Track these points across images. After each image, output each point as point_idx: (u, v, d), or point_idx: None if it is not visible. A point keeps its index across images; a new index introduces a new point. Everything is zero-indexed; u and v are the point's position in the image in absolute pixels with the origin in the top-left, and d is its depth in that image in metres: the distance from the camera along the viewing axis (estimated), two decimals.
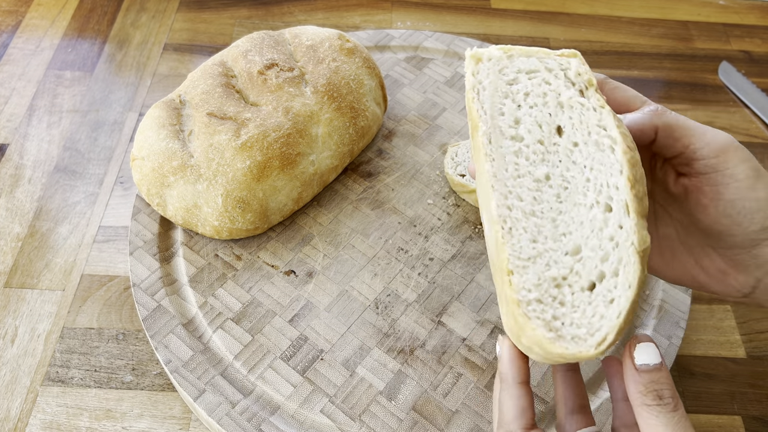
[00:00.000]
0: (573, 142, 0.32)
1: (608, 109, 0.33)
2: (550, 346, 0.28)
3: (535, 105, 0.34)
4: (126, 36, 0.73)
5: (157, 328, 0.46)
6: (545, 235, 0.30)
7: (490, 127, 0.33)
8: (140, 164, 0.50)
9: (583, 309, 0.29)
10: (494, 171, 0.32)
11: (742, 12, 0.85)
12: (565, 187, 0.32)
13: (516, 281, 0.29)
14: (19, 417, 0.46)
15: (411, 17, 0.79)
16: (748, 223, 0.32)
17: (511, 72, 0.35)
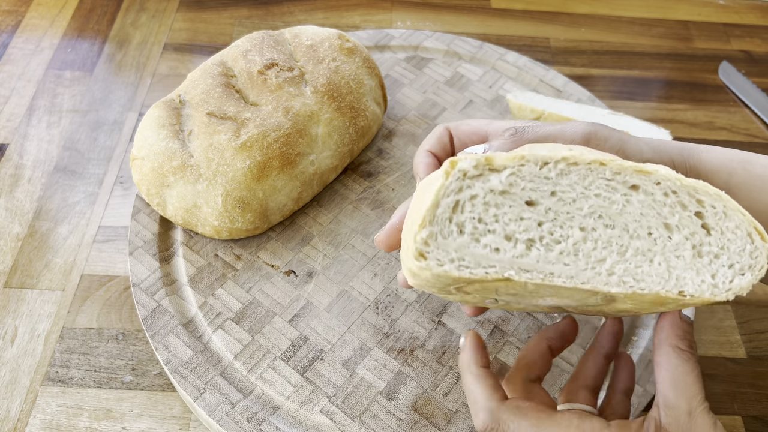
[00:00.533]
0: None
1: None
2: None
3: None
4: (126, 36, 0.73)
5: (157, 328, 0.46)
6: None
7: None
8: (140, 164, 0.50)
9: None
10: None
11: (743, 12, 0.84)
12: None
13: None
14: (19, 417, 0.46)
15: (411, 17, 0.79)
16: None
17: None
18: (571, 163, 0.30)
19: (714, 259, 0.31)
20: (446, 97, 0.64)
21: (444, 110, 0.63)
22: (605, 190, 0.31)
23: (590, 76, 0.74)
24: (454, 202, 0.30)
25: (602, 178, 0.31)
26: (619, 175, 0.31)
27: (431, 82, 0.65)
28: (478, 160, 0.30)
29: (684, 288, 0.31)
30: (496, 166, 0.30)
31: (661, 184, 0.31)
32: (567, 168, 0.30)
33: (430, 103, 0.63)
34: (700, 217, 0.31)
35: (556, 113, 0.55)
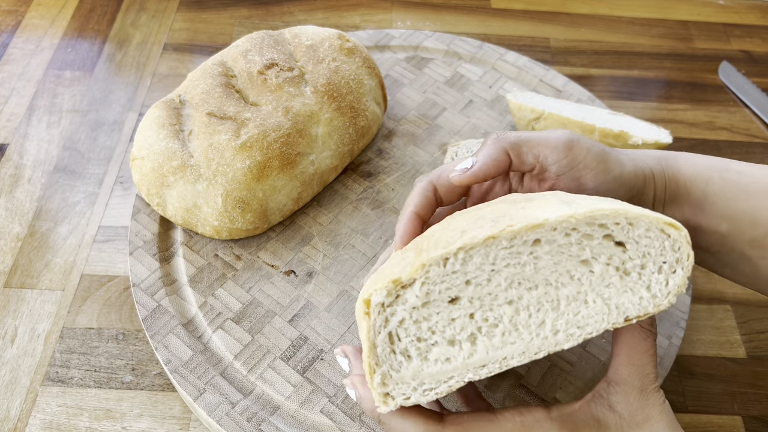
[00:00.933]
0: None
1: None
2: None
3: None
4: (126, 36, 0.73)
5: (157, 328, 0.46)
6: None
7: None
8: (140, 164, 0.50)
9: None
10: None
11: (742, 12, 0.84)
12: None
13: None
14: (19, 417, 0.46)
15: (411, 17, 0.79)
16: (613, 191, 0.36)
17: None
18: (468, 249, 0.30)
19: (641, 270, 0.31)
20: (446, 97, 0.64)
21: (444, 110, 0.63)
22: (511, 258, 0.30)
23: (590, 76, 0.74)
24: (387, 335, 0.31)
25: (503, 249, 0.30)
26: (516, 239, 0.30)
27: (431, 82, 0.65)
28: (387, 288, 0.30)
29: (627, 313, 0.31)
30: (406, 283, 0.30)
31: (557, 228, 0.30)
32: (467, 254, 0.30)
33: (430, 103, 0.63)
34: (610, 239, 0.31)
35: (556, 113, 0.55)
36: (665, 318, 0.49)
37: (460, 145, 0.56)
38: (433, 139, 0.60)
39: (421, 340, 0.31)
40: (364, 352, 0.31)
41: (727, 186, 0.36)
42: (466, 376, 0.31)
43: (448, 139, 0.60)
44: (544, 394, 0.45)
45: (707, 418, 0.49)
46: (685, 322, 0.49)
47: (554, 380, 0.46)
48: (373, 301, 0.30)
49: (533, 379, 0.46)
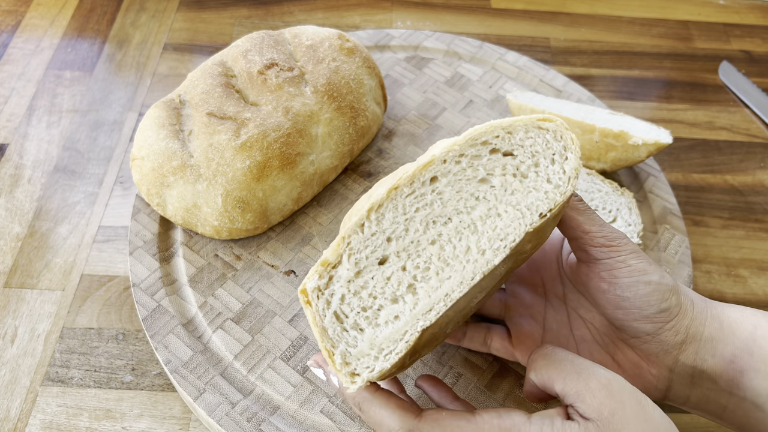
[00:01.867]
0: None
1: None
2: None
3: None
4: (126, 36, 0.73)
5: (157, 328, 0.46)
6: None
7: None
8: (140, 164, 0.50)
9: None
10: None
11: (743, 12, 0.84)
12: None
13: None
14: (19, 417, 0.46)
15: (411, 17, 0.79)
16: (645, 306, 0.35)
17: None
18: (377, 207, 0.32)
19: (536, 168, 0.33)
20: (446, 97, 0.64)
21: (444, 110, 0.63)
22: (417, 202, 0.32)
23: (590, 76, 0.74)
24: (332, 315, 0.31)
25: (407, 196, 0.32)
26: (415, 183, 0.32)
27: (431, 82, 0.65)
28: (318, 272, 0.31)
29: (539, 209, 0.33)
30: (333, 262, 0.32)
31: (447, 161, 0.32)
32: (378, 213, 0.32)
33: (430, 103, 0.63)
34: (497, 152, 0.33)
35: (556, 113, 0.55)
36: None
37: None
38: (433, 139, 0.60)
39: (366, 309, 0.32)
40: (318, 340, 0.31)
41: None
42: (417, 325, 0.32)
43: None
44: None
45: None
46: None
47: None
48: (309, 288, 0.31)
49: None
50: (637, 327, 0.36)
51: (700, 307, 0.37)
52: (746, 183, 0.65)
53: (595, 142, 0.54)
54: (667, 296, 0.35)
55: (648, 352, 0.37)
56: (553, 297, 0.41)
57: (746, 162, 0.67)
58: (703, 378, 0.36)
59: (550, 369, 0.33)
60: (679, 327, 0.36)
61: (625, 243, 0.36)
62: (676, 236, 0.55)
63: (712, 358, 0.36)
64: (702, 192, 0.64)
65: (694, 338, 0.36)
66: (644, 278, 0.35)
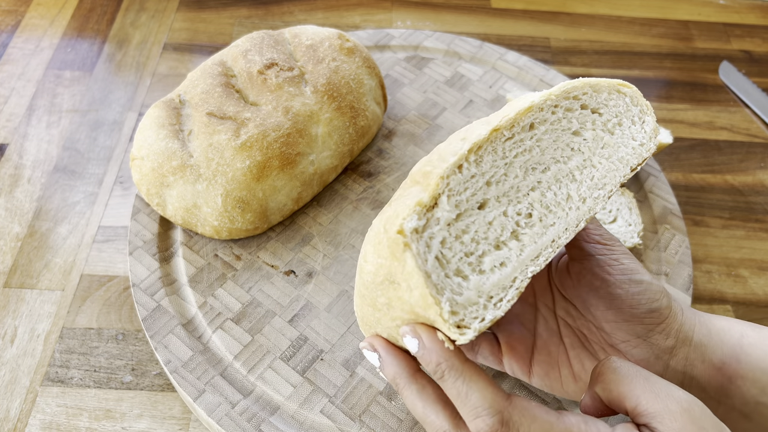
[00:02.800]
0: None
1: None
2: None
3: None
4: (125, 36, 0.73)
5: (157, 328, 0.46)
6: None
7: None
8: (140, 164, 0.50)
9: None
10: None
11: (743, 12, 0.84)
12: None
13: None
14: (19, 417, 0.46)
15: (411, 17, 0.79)
16: (636, 304, 0.35)
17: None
18: (477, 149, 0.31)
19: (620, 127, 0.35)
20: (446, 96, 0.64)
21: (444, 110, 0.62)
22: (517, 147, 0.32)
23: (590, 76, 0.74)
24: (434, 260, 0.29)
25: (507, 140, 0.32)
26: (515, 127, 0.32)
27: (431, 81, 0.65)
28: (417, 212, 0.29)
29: (630, 163, 0.35)
30: (430, 203, 0.29)
31: (543, 108, 0.33)
32: (478, 155, 0.31)
33: (430, 103, 0.63)
34: (586, 108, 0.35)
35: None
36: None
37: None
38: (433, 139, 0.60)
39: (469, 254, 0.30)
40: (417, 288, 0.28)
41: (763, 338, 0.35)
42: (527, 271, 0.31)
43: None
44: (545, 394, 0.45)
45: None
46: None
47: None
48: (407, 229, 0.28)
49: None
50: (627, 329, 0.36)
51: (689, 313, 0.37)
52: (746, 183, 0.65)
53: None
54: (658, 296, 0.36)
55: (639, 358, 0.36)
56: (543, 306, 0.41)
57: (746, 162, 0.67)
58: (693, 385, 0.36)
59: (622, 385, 0.31)
60: (669, 330, 0.36)
61: (619, 245, 0.37)
62: (676, 236, 0.55)
63: (702, 364, 0.35)
64: (702, 192, 0.64)
65: (684, 343, 0.36)
66: (636, 276, 0.36)
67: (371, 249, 0.31)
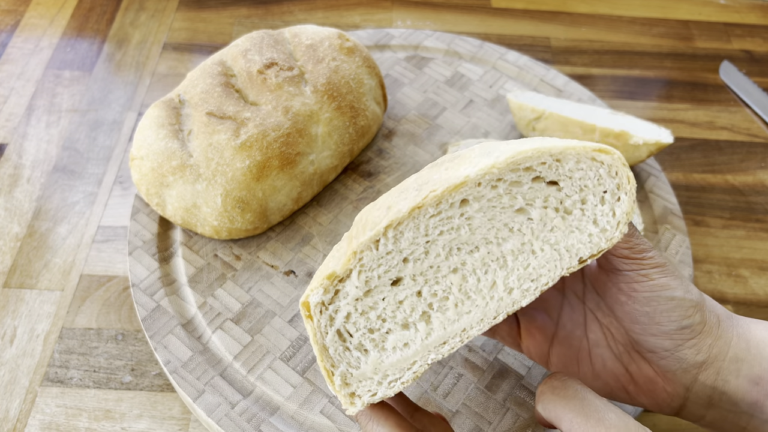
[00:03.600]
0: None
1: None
2: None
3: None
4: (125, 35, 0.73)
5: (157, 329, 0.46)
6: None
7: None
8: (139, 164, 0.50)
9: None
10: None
11: (743, 11, 0.84)
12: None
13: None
14: (18, 417, 0.45)
15: (411, 16, 0.79)
16: (665, 322, 0.33)
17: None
18: (396, 225, 0.28)
19: (582, 205, 0.29)
20: (446, 96, 0.64)
21: (444, 110, 0.62)
22: (442, 225, 0.29)
23: (591, 76, 0.74)
24: (335, 333, 0.29)
25: (432, 217, 0.28)
26: (442, 204, 0.28)
27: (431, 81, 0.65)
28: (324, 286, 0.29)
29: (579, 254, 0.29)
30: (343, 275, 0.29)
31: (482, 183, 0.28)
32: (397, 231, 0.28)
33: (431, 103, 0.63)
34: (540, 180, 0.29)
35: (557, 113, 0.55)
36: None
37: (460, 145, 0.56)
38: (434, 139, 0.60)
39: (373, 330, 0.29)
40: (317, 358, 0.29)
41: None
42: (428, 357, 0.29)
43: (448, 139, 0.60)
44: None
45: None
46: None
47: None
48: (312, 302, 0.29)
49: (534, 380, 0.45)
50: (654, 342, 0.34)
51: (726, 325, 0.34)
52: (747, 183, 0.65)
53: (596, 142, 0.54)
54: (690, 313, 0.33)
55: (665, 369, 0.35)
56: (572, 294, 0.39)
57: (747, 162, 0.67)
58: (723, 399, 0.34)
59: (558, 406, 0.30)
60: (701, 345, 0.34)
61: (651, 257, 0.33)
62: (676, 236, 0.55)
63: (735, 380, 0.33)
64: (703, 192, 0.64)
65: (717, 358, 0.34)
66: (665, 294, 0.33)
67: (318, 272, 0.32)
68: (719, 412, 0.34)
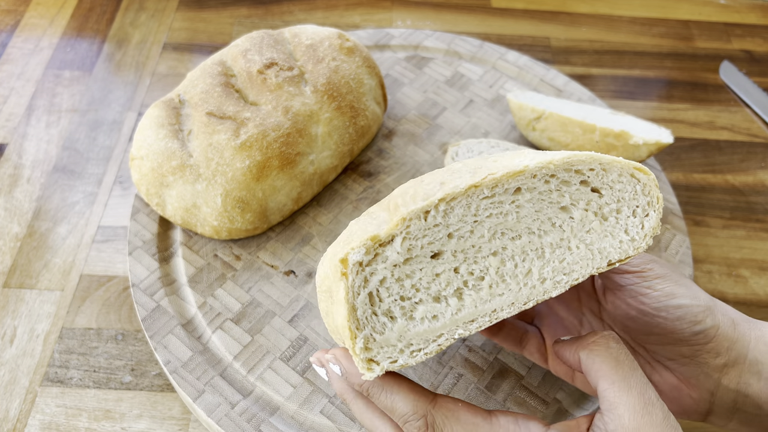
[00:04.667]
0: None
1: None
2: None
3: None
4: (125, 35, 0.73)
5: (157, 329, 0.46)
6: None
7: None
8: (139, 164, 0.50)
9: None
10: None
11: (743, 11, 0.84)
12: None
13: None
14: (18, 417, 0.45)
15: (411, 16, 0.79)
16: (677, 330, 0.34)
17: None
18: (449, 200, 0.29)
19: (617, 215, 0.32)
20: (446, 96, 0.64)
21: (444, 110, 0.62)
22: (493, 208, 0.30)
23: (591, 76, 0.74)
24: (367, 295, 0.29)
25: (484, 198, 0.30)
26: (497, 188, 0.30)
27: (431, 81, 0.65)
28: (366, 246, 0.29)
29: (610, 257, 0.32)
30: (385, 240, 0.29)
31: (537, 175, 0.30)
32: (449, 206, 0.29)
33: (431, 103, 0.63)
34: (586, 185, 0.31)
35: (557, 113, 0.55)
36: None
37: (460, 145, 0.56)
38: (434, 139, 0.60)
39: (404, 298, 0.30)
40: (341, 316, 0.29)
41: None
42: (456, 332, 0.30)
43: (448, 139, 0.60)
44: (545, 394, 0.45)
45: None
46: None
47: (555, 381, 0.45)
48: (351, 260, 0.28)
49: (534, 380, 0.45)
50: (672, 350, 0.35)
51: (743, 328, 0.35)
52: (747, 183, 0.65)
53: (596, 142, 0.54)
54: (701, 318, 0.33)
55: (687, 375, 0.35)
56: (588, 312, 0.40)
57: (747, 162, 0.67)
58: (747, 402, 0.34)
59: (605, 364, 0.30)
60: (719, 349, 0.34)
61: (650, 268, 0.34)
62: (676, 236, 0.55)
63: (758, 383, 0.34)
64: (703, 192, 0.64)
65: (737, 360, 0.34)
66: (673, 302, 0.34)
67: (331, 251, 0.32)
68: (745, 416, 0.34)
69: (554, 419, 0.44)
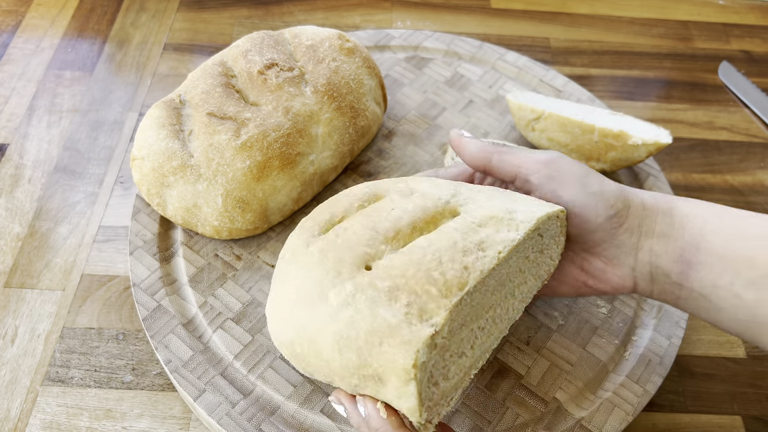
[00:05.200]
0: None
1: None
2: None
3: None
4: (126, 36, 0.73)
5: (157, 328, 0.46)
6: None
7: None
8: (140, 164, 0.50)
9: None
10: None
11: (742, 12, 0.85)
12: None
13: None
14: (19, 417, 0.46)
15: (411, 17, 0.79)
16: (594, 217, 0.39)
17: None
18: (473, 287, 0.33)
19: (546, 248, 0.40)
20: (446, 97, 0.64)
21: (444, 110, 0.63)
22: (497, 276, 0.36)
23: (590, 76, 0.74)
24: (427, 380, 0.32)
25: (492, 273, 0.35)
26: (502, 264, 0.36)
27: (431, 82, 0.65)
28: (428, 344, 0.31)
29: (542, 277, 0.41)
30: (436, 333, 0.32)
31: (502, 251, 0.35)
32: (475, 290, 0.34)
33: (430, 103, 0.63)
34: (540, 234, 0.39)
35: (556, 113, 0.55)
36: (665, 318, 0.49)
37: None
38: (433, 139, 0.60)
39: (445, 367, 0.34)
40: (410, 403, 0.31)
41: (725, 227, 0.37)
42: (471, 374, 0.36)
43: (448, 139, 0.60)
44: (544, 393, 0.45)
45: (707, 418, 0.49)
46: (685, 322, 0.49)
47: (554, 380, 0.46)
48: (420, 363, 0.31)
49: (533, 379, 0.46)
50: (594, 237, 0.39)
51: (650, 204, 0.39)
52: (746, 183, 0.65)
53: (595, 142, 0.54)
54: (612, 201, 0.38)
55: (610, 257, 0.40)
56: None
57: (746, 162, 0.67)
58: (659, 273, 0.39)
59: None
60: (632, 227, 0.39)
61: (560, 157, 0.40)
62: None
63: (665, 254, 0.38)
64: (702, 192, 0.64)
65: (647, 235, 0.39)
66: (586, 190, 0.39)
67: (282, 297, 0.38)
68: (660, 285, 0.39)
69: (553, 418, 0.44)
